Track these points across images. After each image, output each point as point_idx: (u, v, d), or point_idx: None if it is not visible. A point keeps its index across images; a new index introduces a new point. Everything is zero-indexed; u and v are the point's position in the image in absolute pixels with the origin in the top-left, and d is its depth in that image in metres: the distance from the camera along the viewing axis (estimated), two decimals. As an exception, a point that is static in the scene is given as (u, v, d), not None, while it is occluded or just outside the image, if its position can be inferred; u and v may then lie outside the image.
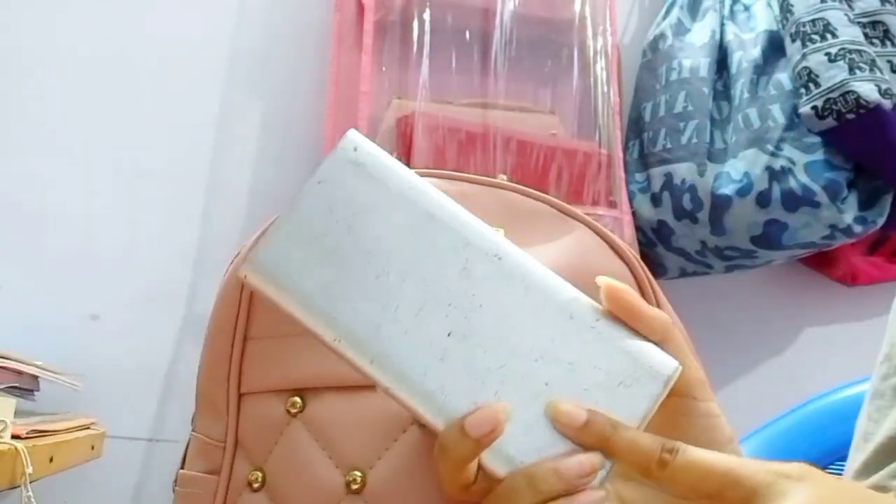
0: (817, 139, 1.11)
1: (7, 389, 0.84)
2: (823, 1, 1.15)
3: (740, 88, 1.18)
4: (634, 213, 1.19)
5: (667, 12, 1.30)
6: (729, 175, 1.14)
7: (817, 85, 1.10)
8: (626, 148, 1.25)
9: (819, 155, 1.11)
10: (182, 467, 0.46)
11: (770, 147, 1.12)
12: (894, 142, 1.10)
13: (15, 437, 0.71)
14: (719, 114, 1.20)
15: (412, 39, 1.15)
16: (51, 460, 0.79)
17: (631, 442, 0.35)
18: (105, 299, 1.15)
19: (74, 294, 1.15)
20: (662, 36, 1.28)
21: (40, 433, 0.78)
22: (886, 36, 1.17)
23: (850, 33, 1.12)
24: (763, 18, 1.21)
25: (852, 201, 1.12)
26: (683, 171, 1.17)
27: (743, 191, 1.12)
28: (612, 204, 1.16)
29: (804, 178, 1.10)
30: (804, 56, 1.12)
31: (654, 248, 1.23)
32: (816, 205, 1.10)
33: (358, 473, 0.42)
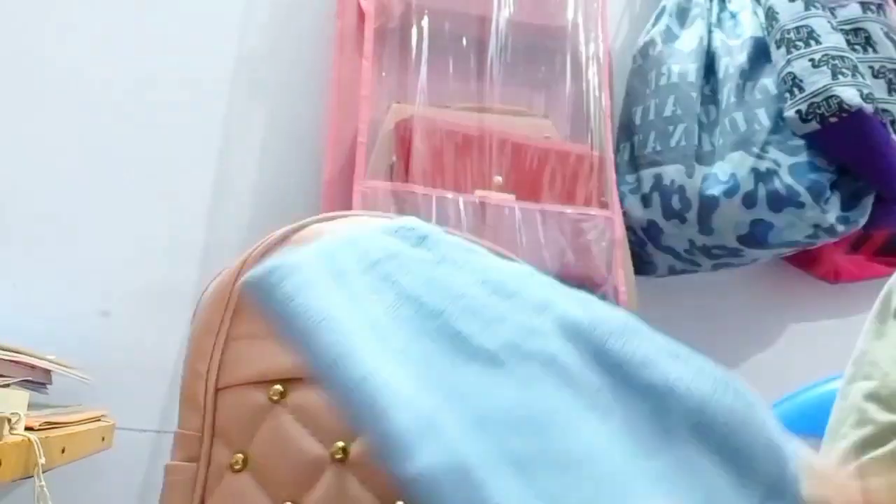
0: (801, 142, 1.12)
1: (21, 383, 0.83)
2: (807, 9, 1.16)
3: (727, 93, 1.19)
4: (625, 214, 1.20)
5: (656, 19, 1.31)
6: (716, 176, 1.15)
7: (801, 90, 1.11)
8: (617, 150, 1.25)
9: (803, 157, 1.11)
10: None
11: (756, 149, 1.13)
12: (876, 144, 1.11)
13: (28, 429, 0.71)
14: (707, 117, 1.21)
15: (411, 46, 1.15)
16: (63, 451, 0.80)
17: None
18: (115, 296, 1.16)
19: (86, 291, 1.15)
20: (652, 42, 1.29)
21: (53, 425, 0.79)
22: (868, 43, 1.18)
23: (833, 40, 1.13)
24: (749, 25, 1.21)
25: (835, 202, 1.13)
26: (672, 173, 1.18)
27: (730, 192, 1.13)
28: (604, 204, 1.17)
29: (789, 180, 1.11)
30: (789, 62, 1.13)
31: (644, 248, 1.25)
32: (801, 205, 1.11)
33: (341, 443, 0.44)
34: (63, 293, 1.15)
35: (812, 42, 1.13)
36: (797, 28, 1.15)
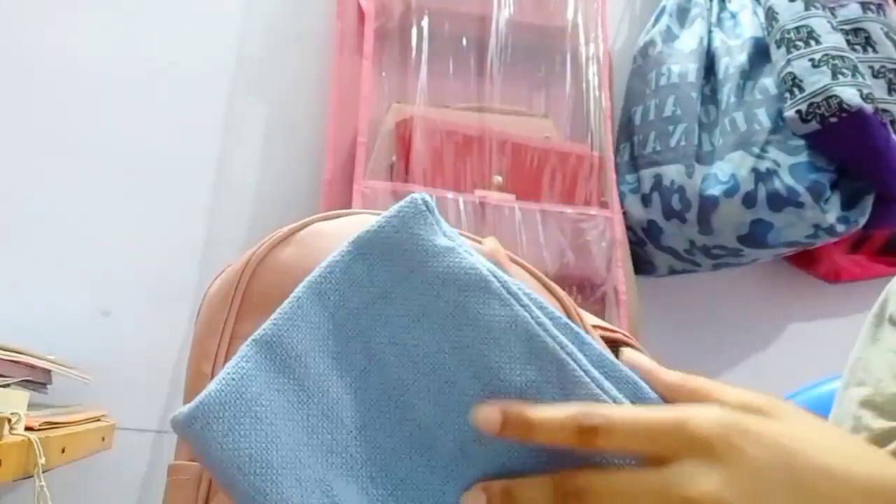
0: (801, 142, 1.12)
1: (21, 383, 0.83)
2: (807, 9, 1.16)
3: (727, 93, 1.19)
4: (625, 213, 1.20)
5: (656, 20, 1.32)
6: (716, 176, 1.15)
7: (801, 90, 1.11)
8: (618, 150, 1.26)
9: (803, 157, 1.11)
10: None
11: (756, 149, 1.13)
12: (876, 144, 1.11)
13: (28, 429, 0.71)
14: (707, 117, 1.21)
15: (411, 46, 1.16)
16: (63, 451, 0.80)
17: (544, 420, 0.35)
18: (115, 296, 1.16)
19: (86, 291, 1.15)
20: (652, 42, 1.29)
21: (53, 425, 0.79)
22: (868, 43, 1.19)
23: (833, 40, 1.13)
24: (749, 26, 1.22)
25: (835, 202, 1.13)
26: (672, 173, 1.18)
27: (730, 192, 1.13)
28: (604, 204, 1.17)
29: (789, 180, 1.11)
30: (789, 62, 1.14)
31: (644, 247, 1.25)
32: (801, 205, 1.11)
33: None
34: (63, 293, 1.15)
35: (812, 42, 1.13)
36: (797, 28, 1.15)
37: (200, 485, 0.46)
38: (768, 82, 1.17)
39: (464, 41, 1.22)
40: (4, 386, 0.78)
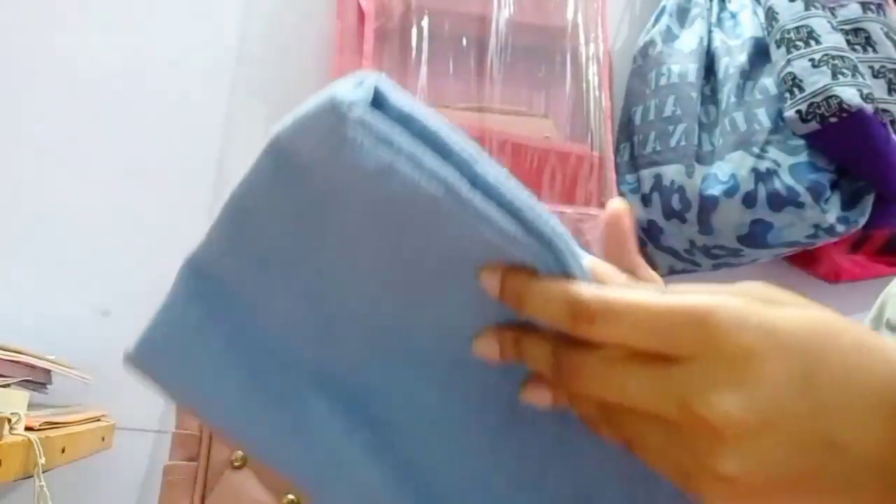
0: (801, 142, 1.12)
1: (21, 383, 0.84)
2: (807, 9, 1.16)
3: (727, 93, 1.19)
4: (625, 214, 1.20)
5: (656, 20, 1.32)
6: (716, 176, 1.15)
7: (801, 90, 1.11)
8: (617, 150, 1.26)
9: (803, 157, 1.11)
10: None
11: (756, 149, 1.13)
12: (876, 144, 1.11)
13: (28, 429, 0.72)
14: (707, 117, 1.21)
15: (411, 46, 1.16)
16: (63, 451, 0.80)
17: (536, 293, 0.31)
18: (115, 296, 1.16)
19: (86, 291, 1.16)
20: (652, 42, 1.29)
21: (53, 425, 0.79)
22: (868, 43, 1.19)
23: (833, 40, 1.13)
24: (749, 25, 1.22)
25: (835, 202, 1.13)
26: (672, 173, 1.18)
27: (730, 192, 1.13)
28: (604, 204, 1.14)
29: (789, 180, 1.11)
30: (789, 62, 1.14)
31: (645, 248, 1.24)
32: (801, 205, 1.11)
33: None
34: (63, 293, 1.15)
35: (812, 42, 1.13)
36: (797, 28, 1.15)
37: (196, 484, 0.46)
38: (768, 82, 1.17)
39: (464, 41, 1.22)
40: (4, 386, 0.78)
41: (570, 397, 0.33)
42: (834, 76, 1.10)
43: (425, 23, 1.17)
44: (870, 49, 1.19)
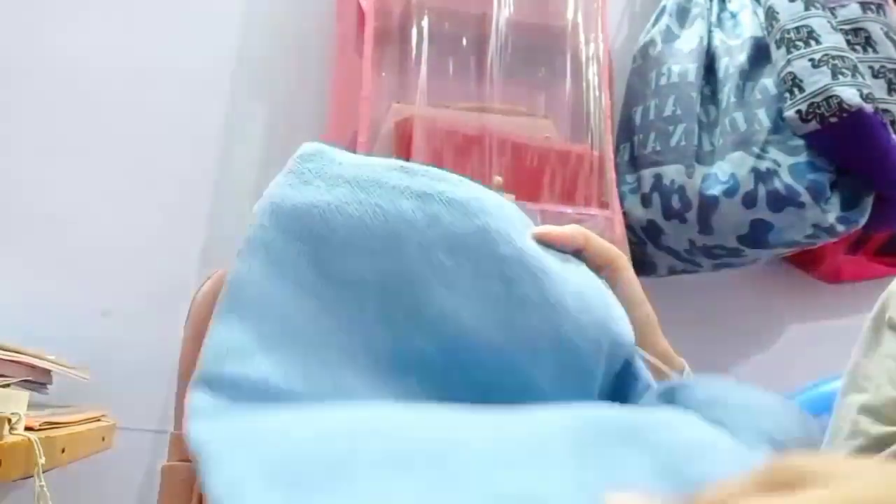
0: (801, 142, 1.12)
1: (21, 383, 0.84)
2: (807, 9, 1.16)
3: (727, 93, 1.19)
4: (625, 214, 1.20)
5: (656, 20, 1.32)
6: (716, 176, 1.15)
7: (801, 90, 1.11)
8: (617, 150, 1.26)
9: (803, 157, 1.11)
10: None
11: (756, 149, 1.13)
12: (876, 144, 1.11)
13: (28, 429, 0.71)
14: (707, 117, 1.21)
15: (411, 46, 1.16)
16: (63, 451, 0.80)
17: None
18: (115, 296, 1.16)
19: (86, 291, 1.16)
20: (652, 42, 1.29)
21: (53, 425, 0.79)
22: (868, 43, 1.19)
23: (833, 40, 1.14)
24: (749, 25, 1.22)
25: (835, 202, 1.13)
26: (672, 173, 1.18)
27: (730, 192, 1.13)
28: (604, 204, 1.17)
29: (789, 180, 1.11)
30: (789, 62, 1.14)
31: (645, 248, 1.25)
32: (801, 205, 1.11)
33: None
34: (63, 293, 1.15)
35: (812, 42, 1.14)
36: (797, 28, 1.15)
37: (193, 485, 0.46)
38: (768, 82, 1.17)
39: (464, 41, 1.22)
40: (4, 386, 0.78)
41: None
42: (834, 76, 1.10)
43: (425, 23, 1.17)
44: (870, 49, 1.19)
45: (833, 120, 1.09)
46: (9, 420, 0.68)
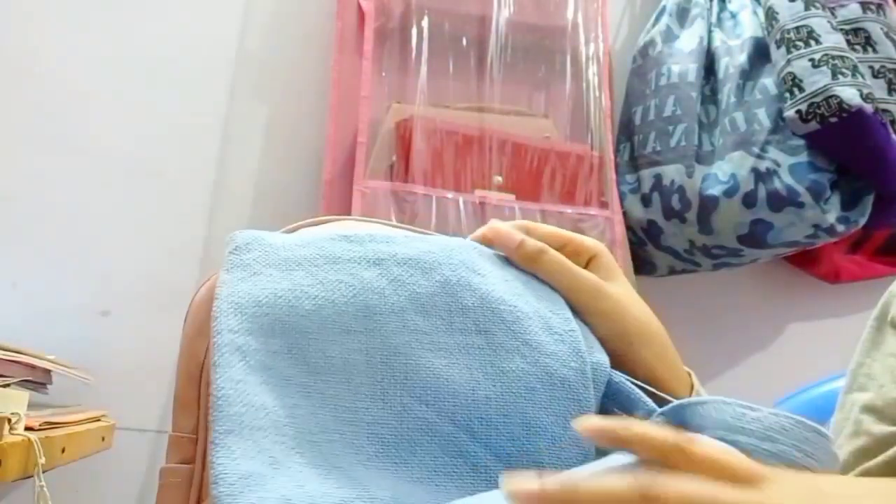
0: (801, 142, 1.12)
1: (21, 383, 0.84)
2: (807, 9, 1.16)
3: (727, 93, 1.19)
4: (625, 214, 1.20)
5: (656, 19, 1.32)
6: (716, 176, 1.15)
7: (801, 90, 1.11)
8: (617, 150, 1.26)
9: (803, 157, 1.11)
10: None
11: (756, 149, 1.13)
12: (876, 144, 1.11)
13: (28, 429, 0.71)
14: (707, 117, 1.21)
15: (411, 46, 1.16)
16: (63, 451, 0.80)
17: (598, 494, 0.30)
18: (115, 296, 1.16)
19: (86, 291, 1.16)
20: (652, 42, 1.29)
21: (52, 425, 0.79)
22: (868, 42, 1.19)
23: (833, 40, 1.13)
24: (749, 25, 1.22)
25: (835, 202, 1.13)
26: (672, 173, 1.18)
27: (730, 191, 1.13)
28: (604, 204, 1.17)
29: (789, 180, 1.11)
30: (789, 62, 1.14)
31: (645, 248, 1.25)
32: (801, 205, 1.11)
33: None
34: (63, 293, 1.15)
35: (812, 42, 1.13)
36: (797, 28, 1.15)
37: (192, 487, 0.46)
38: (768, 82, 1.17)
39: (464, 41, 1.22)
40: (4, 386, 0.78)
41: None
42: (834, 76, 1.10)
43: (425, 22, 1.17)
44: (870, 49, 1.19)
45: (833, 120, 1.09)
46: (9, 420, 0.68)
